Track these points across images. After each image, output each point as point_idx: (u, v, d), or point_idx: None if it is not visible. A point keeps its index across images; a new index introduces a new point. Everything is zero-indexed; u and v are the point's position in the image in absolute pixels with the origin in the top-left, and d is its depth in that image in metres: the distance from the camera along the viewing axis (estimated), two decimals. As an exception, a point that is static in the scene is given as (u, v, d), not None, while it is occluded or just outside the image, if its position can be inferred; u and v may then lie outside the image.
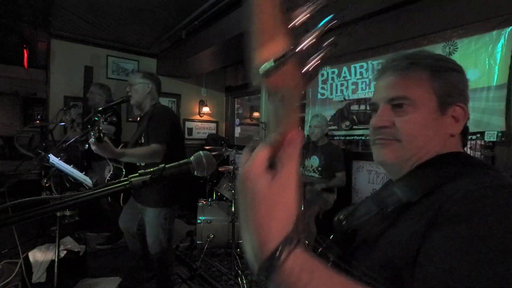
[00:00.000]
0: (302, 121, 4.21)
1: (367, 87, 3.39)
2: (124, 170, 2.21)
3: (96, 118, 1.69)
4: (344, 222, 0.62)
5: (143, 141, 2.14)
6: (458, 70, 0.68)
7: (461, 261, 0.43)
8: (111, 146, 1.82)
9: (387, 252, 0.58)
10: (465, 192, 0.51)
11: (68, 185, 2.57)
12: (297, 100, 0.34)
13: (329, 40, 0.32)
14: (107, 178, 2.23)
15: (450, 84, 0.65)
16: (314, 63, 0.31)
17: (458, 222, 0.47)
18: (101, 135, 1.71)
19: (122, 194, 2.15)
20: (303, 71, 0.31)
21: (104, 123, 1.77)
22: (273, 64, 0.29)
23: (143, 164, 2.15)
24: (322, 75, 3.94)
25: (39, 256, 2.23)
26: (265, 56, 0.30)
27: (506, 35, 2.40)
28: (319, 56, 0.31)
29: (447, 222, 0.49)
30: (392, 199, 0.62)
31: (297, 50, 0.30)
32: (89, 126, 1.70)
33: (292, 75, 0.31)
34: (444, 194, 0.54)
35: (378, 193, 0.67)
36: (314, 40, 0.31)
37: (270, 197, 0.36)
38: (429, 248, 0.48)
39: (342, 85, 3.72)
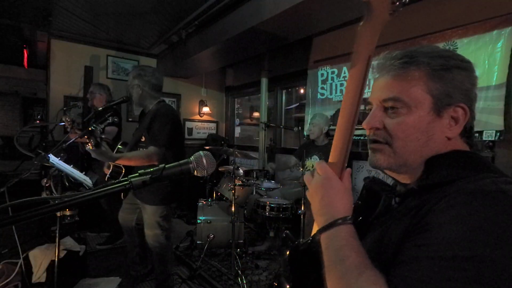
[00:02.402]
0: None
1: (367, 87, 3.40)
2: (123, 168, 2.21)
3: (93, 127, 1.69)
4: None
5: (144, 139, 2.14)
6: (463, 68, 0.62)
7: (424, 270, 0.47)
8: (109, 151, 1.85)
9: (373, 250, 0.61)
10: (453, 201, 0.51)
11: (68, 185, 2.57)
12: (381, 24, 0.54)
13: None
14: (108, 175, 2.24)
15: (451, 84, 0.61)
16: None
17: (429, 230, 0.50)
18: (99, 140, 1.71)
19: None
20: None
21: (105, 122, 1.77)
22: None
23: None
24: (322, 75, 3.94)
25: (39, 256, 2.22)
26: None
27: (506, 35, 2.40)
28: None
29: (421, 229, 0.52)
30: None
31: None
32: (85, 136, 1.70)
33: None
34: (432, 201, 0.55)
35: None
36: None
37: (345, 190, 0.64)
38: (401, 256, 0.52)
39: (342, 85, 3.72)
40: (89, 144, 1.69)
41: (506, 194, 0.49)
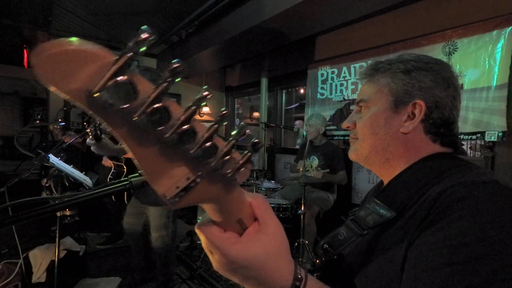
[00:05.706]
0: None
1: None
2: (125, 167, 2.22)
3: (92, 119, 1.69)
4: (330, 251, 0.63)
5: None
6: (426, 69, 0.65)
7: (436, 272, 0.45)
8: (111, 143, 1.82)
9: (372, 276, 0.57)
10: (454, 196, 0.50)
11: (68, 185, 2.57)
12: (232, 203, 0.35)
13: (246, 155, 0.33)
14: (109, 176, 2.24)
15: (410, 84, 0.65)
16: (232, 171, 0.32)
17: (436, 230, 0.49)
18: (99, 132, 1.70)
19: (126, 192, 2.16)
20: (225, 180, 0.31)
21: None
22: (180, 192, 0.29)
23: None
24: (322, 75, 3.94)
25: (39, 256, 2.22)
26: (166, 187, 0.29)
27: (506, 35, 2.40)
28: (237, 167, 0.32)
29: (427, 230, 0.50)
30: (372, 217, 0.61)
31: (217, 171, 0.31)
32: (85, 125, 1.69)
33: (210, 189, 0.32)
34: (424, 205, 0.53)
35: (358, 212, 0.67)
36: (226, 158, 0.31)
37: (269, 258, 0.38)
38: (411, 260, 0.50)
39: (341, 85, 3.72)
40: (90, 135, 1.67)
41: (499, 184, 0.51)
